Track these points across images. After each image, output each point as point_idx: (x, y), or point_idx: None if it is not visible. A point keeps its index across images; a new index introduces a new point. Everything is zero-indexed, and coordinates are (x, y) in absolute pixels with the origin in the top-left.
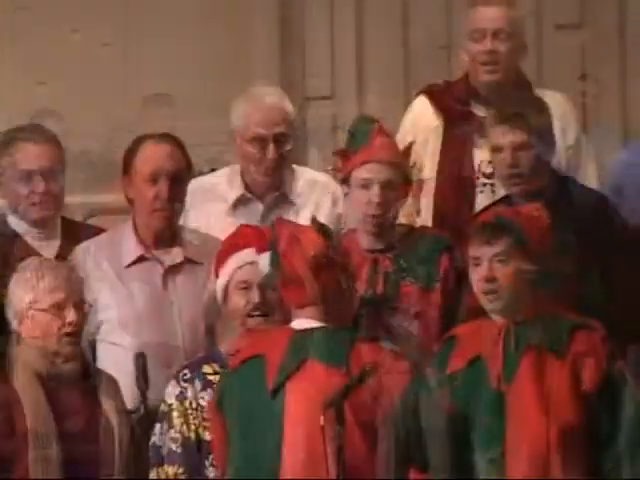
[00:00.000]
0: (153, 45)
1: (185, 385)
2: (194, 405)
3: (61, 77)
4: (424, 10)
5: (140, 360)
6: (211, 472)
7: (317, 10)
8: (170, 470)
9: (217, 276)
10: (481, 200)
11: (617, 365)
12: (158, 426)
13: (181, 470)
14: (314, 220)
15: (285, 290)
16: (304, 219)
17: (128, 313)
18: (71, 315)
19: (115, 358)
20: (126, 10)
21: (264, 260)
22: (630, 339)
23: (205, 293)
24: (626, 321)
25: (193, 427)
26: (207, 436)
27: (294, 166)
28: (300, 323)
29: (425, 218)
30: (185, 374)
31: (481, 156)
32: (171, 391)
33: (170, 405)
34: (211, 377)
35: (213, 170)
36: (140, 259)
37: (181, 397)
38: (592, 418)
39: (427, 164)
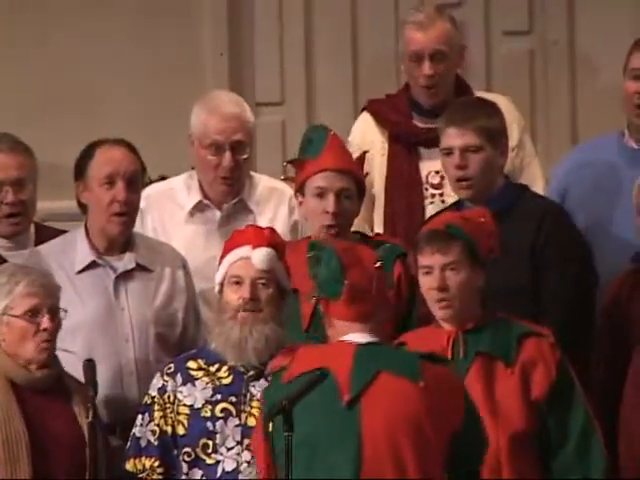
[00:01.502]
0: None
1: (167, 379)
2: (172, 399)
3: None
4: (373, 20)
5: (89, 367)
6: (184, 466)
7: (265, 15)
8: (147, 462)
9: None
10: (431, 211)
11: (566, 372)
12: (140, 417)
13: (157, 463)
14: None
15: (347, 303)
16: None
17: (79, 319)
18: (45, 321)
19: (66, 364)
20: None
21: (257, 255)
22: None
23: (157, 299)
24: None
25: (170, 421)
26: (180, 431)
27: (252, 173)
28: (354, 337)
29: (378, 233)
30: (170, 368)
31: (428, 167)
32: (155, 384)
33: (153, 398)
34: (194, 372)
35: (163, 178)
36: (92, 265)
37: (162, 391)
38: (542, 425)
39: (376, 179)
